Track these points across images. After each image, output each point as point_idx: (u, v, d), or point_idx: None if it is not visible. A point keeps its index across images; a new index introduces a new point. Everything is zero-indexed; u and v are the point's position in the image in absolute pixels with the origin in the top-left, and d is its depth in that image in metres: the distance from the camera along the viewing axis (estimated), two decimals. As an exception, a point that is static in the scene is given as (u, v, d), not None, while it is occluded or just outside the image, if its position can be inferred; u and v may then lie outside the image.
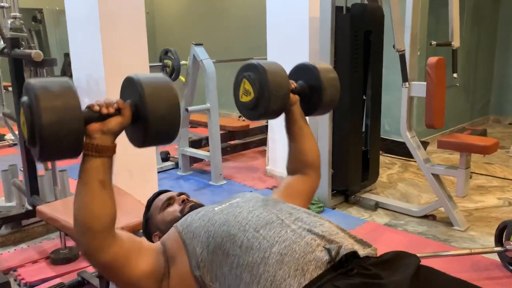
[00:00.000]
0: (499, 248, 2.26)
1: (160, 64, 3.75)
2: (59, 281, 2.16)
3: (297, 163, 1.43)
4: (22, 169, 2.75)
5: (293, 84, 1.40)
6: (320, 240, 1.00)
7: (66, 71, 3.60)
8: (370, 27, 3.16)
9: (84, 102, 2.75)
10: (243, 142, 4.59)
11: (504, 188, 3.53)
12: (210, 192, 3.60)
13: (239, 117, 6.24)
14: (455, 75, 3.03)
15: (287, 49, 3.55)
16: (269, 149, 3.93)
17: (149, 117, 1.01)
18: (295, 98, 1.39)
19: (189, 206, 1.36)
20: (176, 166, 4.22)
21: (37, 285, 2.25)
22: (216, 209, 1.18)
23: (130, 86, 1.05)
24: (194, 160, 4.17)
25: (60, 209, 1.84)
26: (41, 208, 1.81)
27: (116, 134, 1.02)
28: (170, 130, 1.05)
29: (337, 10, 3.04)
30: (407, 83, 2.72)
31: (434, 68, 2.70)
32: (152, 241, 1.42)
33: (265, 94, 1.30)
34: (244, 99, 1.37)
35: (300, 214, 1.10)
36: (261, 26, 3.91)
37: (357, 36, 3.08)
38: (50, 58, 2.19)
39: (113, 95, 2.40)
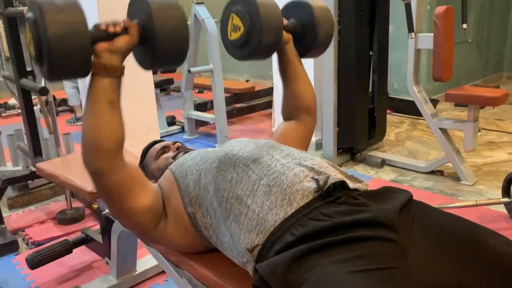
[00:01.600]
0: (506, 199, 2.24)
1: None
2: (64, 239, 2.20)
3: (292, 108, 1.39)
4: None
5: (285, 21, 1.32)
6: (308, 171, 0.99)
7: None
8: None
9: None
10: (248, 105, 4.55)
11: (515, 143, 3.46)
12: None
13: (247, 81, 6.19)
14: (464, 25, 2.93)
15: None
16: (275, 111, 3.89)
17: (157, 36, 0.98)
18: (288, 36, 1.31)
19: (182, 152, 1.35)
20: (182, 130, 4.22)
21: (44, 243, 2.30)
22: (209, 149, 1.18)
23: (136, 5, 1.03)
24: (200, 123, 4.16)
25: (60, 166, 1.84)
26: (41, 165, 1.82)
27: (124, 53, 1.00)
28: (179, 49, 1.03)
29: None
30: (413, 33, 2.63)
31: (442, 18, 2.60)
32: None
33: (256, 26, 1.21)
34: (233, 36, 1.27)
35: (292, 151, 1.09)
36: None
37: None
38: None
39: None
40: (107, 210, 1.79)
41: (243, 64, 6.23)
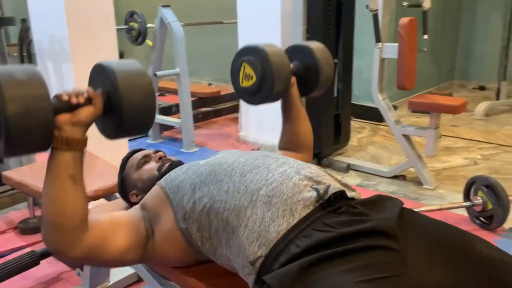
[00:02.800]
0: (467, 203, 2.35)
1: (126, 27, 3.60)
2: (30, 249, 2.10)
3: (290, 144, 1.47)
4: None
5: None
6: (307, 181, 1.00)
7: (24, 37, 3.40)
8: (342, -12, 3.13)
9: (48, 66, 2.59)
10: (214, 109, 4.54)
11: (470, 149, 3.65)
12: (182, 160, 3.56)
13: (209, 84, 6.16)
14: (425, 36, 3.07)
15: (258, 12, 3.48)
16: (242, 115, 3.90)
17: (123, 106, 0.93)
18: (293, 79, 1.39)
19: (167, 164, 1.33)
20: (146, 134, 4.13)
21: (7, 255, 2.18)
22: (200, 162, 1.17)
23: (100, 73, 0.97)
24: (164, 127, 4.10)
25: (28, 174, 1.76)
26: (8, 173, 1.74)
27: (87, 125, 0.94)
28: (145, 119, 0.99)
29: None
30: (380, 43, 2.72)
31: (406, 29, 2.71)
32: (129, 200, 1.40)
33: (268, 76, 1.29)
34: (246, 83, 1.35)
35: (287, 159, 1.10)
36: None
37: (330, -3, 3.04)
38: (8, 17, 2.06)
39: (79, 56, 2.31)
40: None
41: (205, 67, 6.20)
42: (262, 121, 3.73)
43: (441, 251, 0.93)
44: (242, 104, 3.87)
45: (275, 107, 3.78)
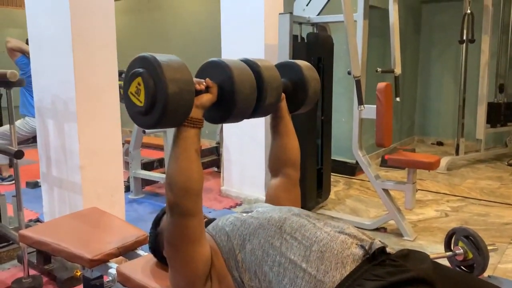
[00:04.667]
0: (449, 253, 2.54)
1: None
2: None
3: (279, 162, 1.53)
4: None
5: None
6: (352, 239, 1.14)
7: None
8: (322, 54, 3.42)
9: (50, 124, 2.64)
10: (194, 163, 4.62)
11: (439, 201, 3.92)
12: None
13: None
14: (398, 99, 3.38)
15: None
16: (224, 170, 4.01)
17: (237, 98, 1.16)
18: (282, 95, 1.46)
19: (204, 220, 1.42)
20: (127, 189, 4.13)
21: (2, 317, 2.12)
22: (244, 215, 1.27)
23: (214, 68, 1.19)
24: (145, 182, 4.12)
25: (47, 232, 1.77)
26: (25, 232, 1.74)
27: (205, 109, 1.16)
28: (249, 109, 1.22)
29: (293, 38, 3.26)
30: (362, 106, 2.98)
31: (383, 92, 2.99)
32: (162, 256, 1.46)
33: (261, 87, 1.32)
34: None
35: (326, 220, 1.23)
36: (217, 51, 4.04)
37: (312, 62, 3.31)
38: (20, 77, 2.14)
39: (84, 116, 2.40)
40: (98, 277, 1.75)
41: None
42: (244, 175, 3.86)
43: None
44: (225, 158, 4.00)
45: (259, 161, 3.97)
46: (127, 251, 1.71)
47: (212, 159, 4.73)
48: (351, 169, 4.74)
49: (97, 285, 1.75)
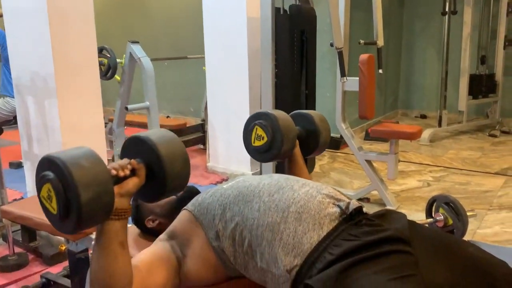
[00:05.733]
0: (430, 220, 2.59)
1: (94, 62, 3.64)
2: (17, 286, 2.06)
3: None
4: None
5: None
6: (329, 199, 1.16)
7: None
8: (305, 27, 3.39)
9: (30, 101, 2.61)
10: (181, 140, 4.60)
11: (421, 172, 3.99)
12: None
13: (167, 117, 6.22)
14: (380, 71, 3.39)
15: (226, 48, 3.67)
16: (210, 146, 4.02)
17: (167, 176, 1.04)
18: (296, 141, 1.60)
19: (186, 189, 1.43)
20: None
21: (-12, 294, 2.13)
22: (224, 186, 1.28)
23: (139, 145, 1.07)
24: (131, 160, 4.10)
25: (29, 207, 1.77)
26: (7, 208, 1.74)
27: (132, 195, 1.04)
28: (183, 183, 1.11)
29: (276, 10, 3.23)
30: (345, 78, 2.98)
31: (366, 64, 3.00)
32: (144, 227, 1.47)
33: (278, 137, 1.50)
34: (257, 143, 1.57)
35: (305, 181, 1.24)
36: (199, 26, 3.98)
37: (295, 35, 3.29)
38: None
39: (64, 92, 2.36)
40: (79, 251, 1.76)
41: (163, 100, 6.26)
42: (230, 151, 3.87)
43: (442, 254, 1.12)
44: (210, 135, 4.00)
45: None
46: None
47: (198, 136, 4.72)
48: (335, 143, 4.76)
49: (83, 258, 1.76)
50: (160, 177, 1.04)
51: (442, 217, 2.54)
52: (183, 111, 6.35)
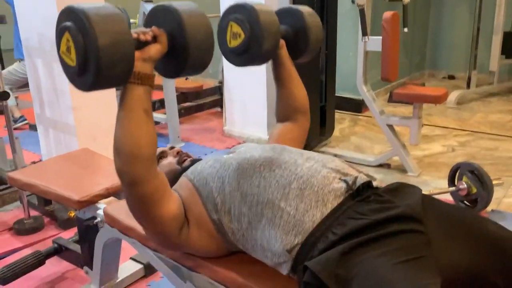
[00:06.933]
0: (453, 188, 2.49)
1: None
2: (29, 251, 2.08)
3: (287, 109, 1.45)
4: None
5: None
6: (335, 173, 1.06)
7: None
8: (325, -18, 3.20)
9: (38, 63, 2.55)
10: (196, 104, 4.54)
11: (446, 136, 3.82)
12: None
13: (186, 78, 6.13)
14: (405, 29, 3.19)
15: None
16: (226, 110, 3.93)
17: (190, 46, 1.01)
18: (281, 42, 1.38)
19: (189, 159, 1.37)
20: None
21: (5, 257, 2.17)
22: (225, 156, 1.21)
23: (162, 14, 1.04)
24: (147, 123, 4.07)
25: (35, 174, 1.74)
26: (14, 174, 1.72)
27: (155, 62, 1.01)
28: (206, 58, 1.06)
29: (293, -37, 3.03)
30: (366, 37, 2.81)
31: (389, 23, 2.81)
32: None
33: (257, 33, 1.26)
34: (233, 43, 1.32)
35: (311, 154, 1.15)
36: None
37: (314, -9, 3.10)
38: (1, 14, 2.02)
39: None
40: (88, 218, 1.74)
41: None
42: (247, 115, 3.78)
43: (458, 232, 1.03)
44: (227, 98, 3.90)
45: (261, 100, 3.83)
46: (117, 192, 1.68)
47: (215, 99, 4.63)
48: (357, 106, 4.60)
49: (91, 225, 1.74)
50: (182, 46, 1.03)
51: (465, 185, 2.43)
52: (203, 73, 6.24)
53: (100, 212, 1.55)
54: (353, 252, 0.90)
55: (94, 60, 0.89)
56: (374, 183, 1.09)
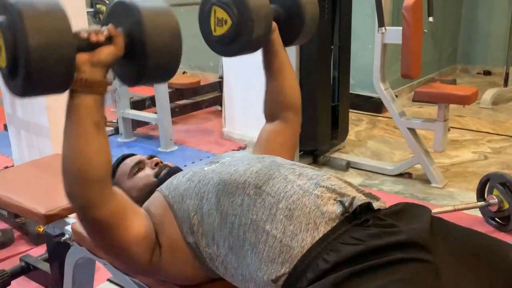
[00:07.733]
0: (482, 203, 2.44)
1: (92, 10, 3.57)
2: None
3: (276, 105, 1.42)
4: None
5: None
6: (330, 193, 1.03)
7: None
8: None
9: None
10: (193, 101, 4.53)
11: (478, 141, 3.77)
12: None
13: (183, 72, 6.14)
14: (431, 18, 3.17)
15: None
16: (226, 109, 3.92)
17: (149, 49, 0.95)
18: (273, 25, 1.34)
19: (166, 169, 1.35)
20: (116, 131, 4.11)
21: (-32, 275, 2.16)
22: (206, 169, 1.18)
23: (121, 11, 0.99)
24: (137, 123, 4.09)
25: (-1, 184, 1.74)
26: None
27: (108, 66, 0.97)
28: (171, 65, 1.01)
29: None
30: (383, 28, 2.78)
31: (411, 11, 2.78)
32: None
33: (246, 17, 1.21)
34: (219, 31, 1.28)
35: (304, 169, 1.13)
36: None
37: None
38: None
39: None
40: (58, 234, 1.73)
41: (179, 53, 6.18)
42: (249, 116, 3.76)
43: (472, 262, 0.99)
44: (227, 95, 3.89)
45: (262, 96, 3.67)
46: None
47: (215, 96, 4.62)
48: (376, 105, 4.55)
49: (61, 242, 1.73)
50: (140, 50, 0.97)
51: (496, 200, 2.39)
52: (202, 66, 6.25)
53: (69, 228, 1.54)
54: (347, 283, 0.87)
55: (24, 62, 0.84)
56: (376, 204, 1.06)
